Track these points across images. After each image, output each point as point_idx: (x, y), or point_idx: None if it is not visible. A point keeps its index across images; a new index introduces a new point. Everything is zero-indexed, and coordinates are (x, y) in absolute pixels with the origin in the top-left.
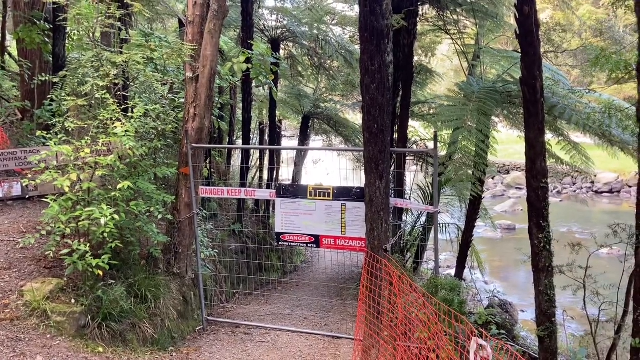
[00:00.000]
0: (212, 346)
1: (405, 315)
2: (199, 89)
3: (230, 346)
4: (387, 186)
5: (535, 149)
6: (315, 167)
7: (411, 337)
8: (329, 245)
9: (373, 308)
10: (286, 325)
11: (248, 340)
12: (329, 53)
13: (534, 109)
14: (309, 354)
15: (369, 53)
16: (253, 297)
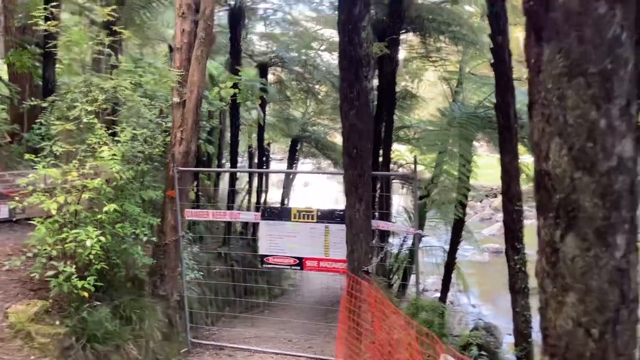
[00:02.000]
0: None
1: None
2: (185, 114)
3: None
4: (367, 208)
5: (509, 173)
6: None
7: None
8: (312, 267)
9: (353, 329)
10: (270, 347)
11: None
12: (317, 78)
13: (508, 135)
14: None
15: (348, 81)
16: (239, 320)
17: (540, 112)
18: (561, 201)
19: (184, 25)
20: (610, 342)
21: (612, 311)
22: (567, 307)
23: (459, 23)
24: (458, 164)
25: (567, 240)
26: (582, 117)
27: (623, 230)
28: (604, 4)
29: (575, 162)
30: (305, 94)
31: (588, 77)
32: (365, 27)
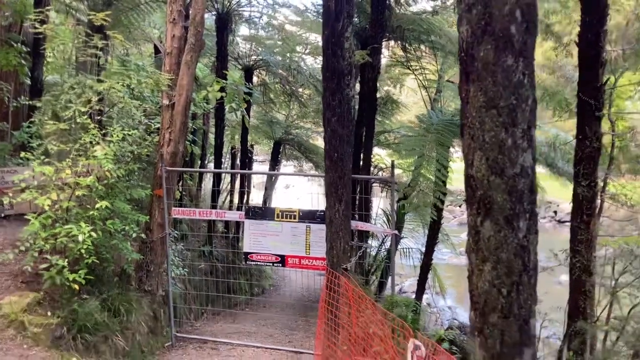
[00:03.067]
0: (181, 358)
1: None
2: (174, 116)
3: (199, 359)
4: (346, 209)
5: None
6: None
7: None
8: (294, 265)
9: (332, 321)
10: (252, 341)
11: (215, 354)
12: (301, 82)
13: None
14: None
15: (330, 90)
16: (221, 316)
17: (467, 132)
18: (481, 196)
19: (175, 30)
20: (515, 298)
21: (516, 276)
22: (485, 273)
23: (438, 33)
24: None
25: (485, 224)
26: (495, 137)
27: (524, 218)
28: (511, 57)
29: (491, 169)
30: (289, 97)
31: (499, 109)
32: (348, 37)
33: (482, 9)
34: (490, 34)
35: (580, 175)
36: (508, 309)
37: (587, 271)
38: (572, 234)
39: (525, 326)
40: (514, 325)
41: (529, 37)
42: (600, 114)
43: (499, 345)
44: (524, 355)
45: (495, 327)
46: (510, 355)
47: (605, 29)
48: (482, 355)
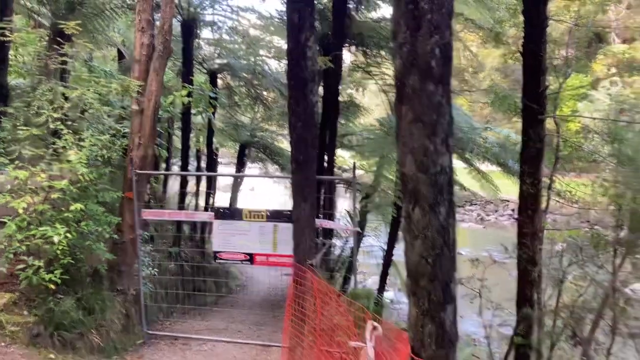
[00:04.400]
0: (153, 354)
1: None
2: (144, 121)
3: (170, 354)
4: (311, 208)
5: None
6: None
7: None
8: (262, 262)
9: (298, 314)
10: (222, 337)
11: (187, 349)
12: (266, 85)
13: None
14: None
15: (295, 97)
16: (190, 314)
17: (401, 141)
18: (411, 189)
19: (143, 39)
20: (438, 266)
21: (439, 249)
22: (415, 248)
23: None
24: (395, 169)
25: (415, 210)
26: (421, 144)
27: (444, 205)
28: (432, 84)
29: (418, 168)
30: (254, 100)
31: (424, 123)
32: (311, 47)
33: (410, 47)
34: (416, 67)
35: (526, 174)
36: (433, 275)
37: (533, 262)
38: (519, 228)
39: (447, 288)
40: (438, 287)
41: (446, 69)
42: (543, 117)
43: (427, 303)
44: (447, 311)
45: (424, 289)
46: (436, 311)
47: (545, 39)
48: (415, 312)
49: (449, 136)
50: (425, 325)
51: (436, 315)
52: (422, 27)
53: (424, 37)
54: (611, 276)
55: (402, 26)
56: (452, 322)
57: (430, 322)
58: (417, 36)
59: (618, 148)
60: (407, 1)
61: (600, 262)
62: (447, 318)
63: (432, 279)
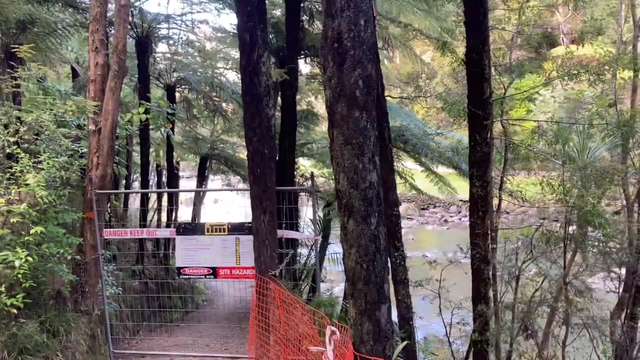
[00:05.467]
0: None
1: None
2: (101, 140)
3: None
4: (271, 219)
5: (386, 184)
6: (215, 206)
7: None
8: (225, 275)
9: (263, 322)
10: (189, 352)
11: None
12: (224, 97)
13: (384, 154)
14: None
15: (250, 112)
16: (157, 332)
17: (334, 161)
18: (345, 203)
19: (98, 58)
20: (372, 271)
21: (372, 255)
22: (352, 255)
23: None
24: None
25: (350, 222)
26: (351, 163)
27: (374, 216)
28: (357, 111)
29: (350, 184)
30: (213, 113)
31: (352, 145)
32: (264, 62)
33: (337, 80)
34: (343, 96)
35: (475, 176)
36: (368, 278)
37: (486, 261)
38: (471, 228)
39: (381, 289)
40: (373, 289)
41: (369, 97)
42: (488, 123)
43: (364, 304)
44: (381, 310)
45: (360, 291)
46: (372, 310)
47: (487, 48)
48: (354, 312)
49: (375, 155)
50: (364, 324)
51: (372, 314)
52: (346, 61)
53: (348, 71)
54: (563, 270)
55: (329, 61)
56: (387, 320)
57: (367, 320)
58: (342, 70)
59: (561, 148)
60: (332, 40)
61: (553, 258)
62: (382, 316)
63: (367, 282)
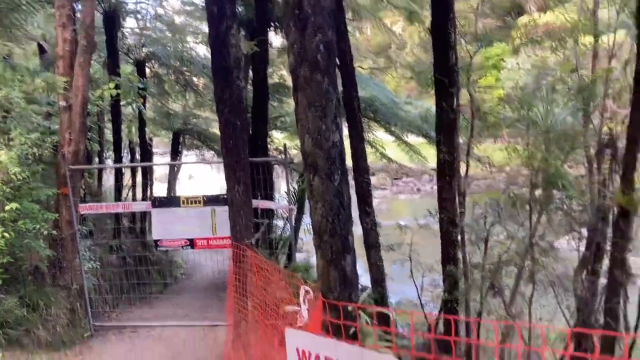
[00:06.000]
0: (102, 345)
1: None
2: (73, 117)
3: (119, 343)
4: (245, 190)
5: (357, 153)
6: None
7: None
8: (202, 246)
9: (241, 288)
10: (169, 322)
11: (135, 337)
12: (195, 71)
13: (353, 123)
14: (191, 341)
15: (220, 85)
16: (136, 305)
17: (300, 123)
18: (311, 162)
19: (65, 34)
20: (336, 224)
21: (336, 209)
22: (318, 210)
23: None
24: None
25: (315, 179)
26: (315, 125)
27: (337, 174)
28: (319, 75)
29: (314, 145)
30: (184, 88)
31: (316, 107)
32: (234, 34)
33: (300, 45)
34: (306, 61)
35: (442, 142)
36: (333, 231)
37: (453, 224)
38: (439, 193)
39: (346, 241)
40: (338, 240)
41: (330, 62)
42: (454, 90)
43: (330, 254)
44: (347, 259)
45: (327, 243)
46: (338, 260)
47: (452, 18)
48: (321, 262)
49: (337, 117)
50: (331, 272)
51: (338, 264)
52: (307, 27)
53: (309, 37)
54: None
55: (292, 27)
56: (352, 269)
57: (334, 269)
58: (304, 35)
59: (526, 114)
60: (293, 7)
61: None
62: (347, 265)
63: (332, 235)
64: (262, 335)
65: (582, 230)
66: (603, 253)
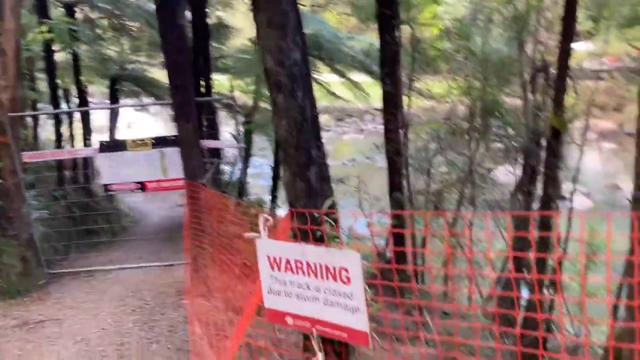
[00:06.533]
0: (59, 289)
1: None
2: (7, 62)
3: (77, 286)
4: (194, 128)
5: None
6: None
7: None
8: (154, 188)
9: (197, 226)
10: (123, 265)
11: (92, 280)
12: (129, 15)
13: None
14: (148, 280)
15: (164, 22)
16: (88, 252)
17: (261, 44)
18: (273, 81)
19: None
20: (300, 138)
21: (300, 125)
22: (282, 126)
23: None
24: None
25: (279, 97)
26: (276, 44)
27: (300, 90)
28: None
29: (276, 63)
30: (119, 32)
31: (276, 26)
32: None
33: None
34: None
35: (386, 74)
36: (298, 144)
37: (398, 154)
38: (385, 124)
39: (309, 153)
40: (303, 153)
41: None
42: (396, 22)
43: (295, 167)
44: (311, 171)
45: (292, 156)
46: (303, 171)
47: None
48: (287, 175)
49: (297, 35)
50: (297, 183)
51: (303, 175)
52: None
53: None
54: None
55: None
56: (316, 179)
57: (300, 180)
58: None
59: (464, 44)
60: None
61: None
62: (312, 176)
63: (297, 148)
64: (220, 268)
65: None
66: (537, 175)
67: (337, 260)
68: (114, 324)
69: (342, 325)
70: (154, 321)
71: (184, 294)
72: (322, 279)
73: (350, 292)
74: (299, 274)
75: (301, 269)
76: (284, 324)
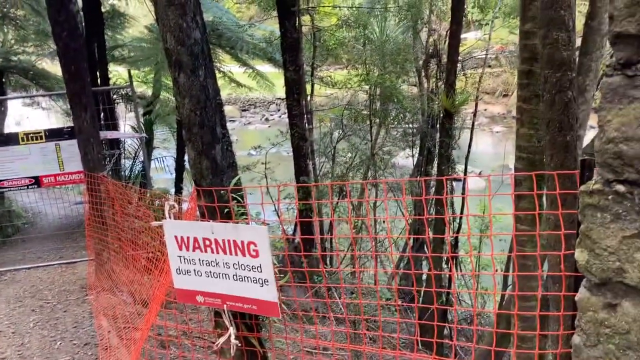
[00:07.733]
0: None
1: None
2: None
3: None
4: (92, 118)
5: None
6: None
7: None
8: (50, 183)
9: (100, 220)
10: (20, 265)
11: None
12: (12, 2)
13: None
14: (49, 279)
15: (55, 6)
16: None
17: (161, 23)
18: (175, 60)
19: None
20: (204, 116)
21: (203, 103)
22: (185, 105)
23: None
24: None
25: (180, 75)
26: (176, 23)
27: (202, 69)
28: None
29: (177, 42)
30: (1, 20)
31: (175, 5)
32: None
33: None
34: None
35: (287, 62)
36: (202, 123)
37: (304, 138)
38: (288, 110)
39: (214, 132)
40: (207, 132)
41: None
42: (295, 9)
43: (200, 145)
44: (216, 149)
45: (196, 134)
46: (208, 149)
47: None
48: (193, 153)
49: (197, 15)
50: (202, 162)
51: (209, 153)
52: None
53: None
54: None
55: None
56: (222, 157)
57: (205, 158)
58: None
59: (362, 31)
60: None
61: (361, 134)
62: (217, 154)
63: (201, 126)
64: (125, 263)
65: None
66: (434, 157)
67: (244, 235)
68: (12, 326)
69: (253, 298)
70: (56, 319)
71: (88, 289)
72: (231, 254)
73: (259, 264)
74: (207, 252)
75: (210, 246)
76: (194, 303)
